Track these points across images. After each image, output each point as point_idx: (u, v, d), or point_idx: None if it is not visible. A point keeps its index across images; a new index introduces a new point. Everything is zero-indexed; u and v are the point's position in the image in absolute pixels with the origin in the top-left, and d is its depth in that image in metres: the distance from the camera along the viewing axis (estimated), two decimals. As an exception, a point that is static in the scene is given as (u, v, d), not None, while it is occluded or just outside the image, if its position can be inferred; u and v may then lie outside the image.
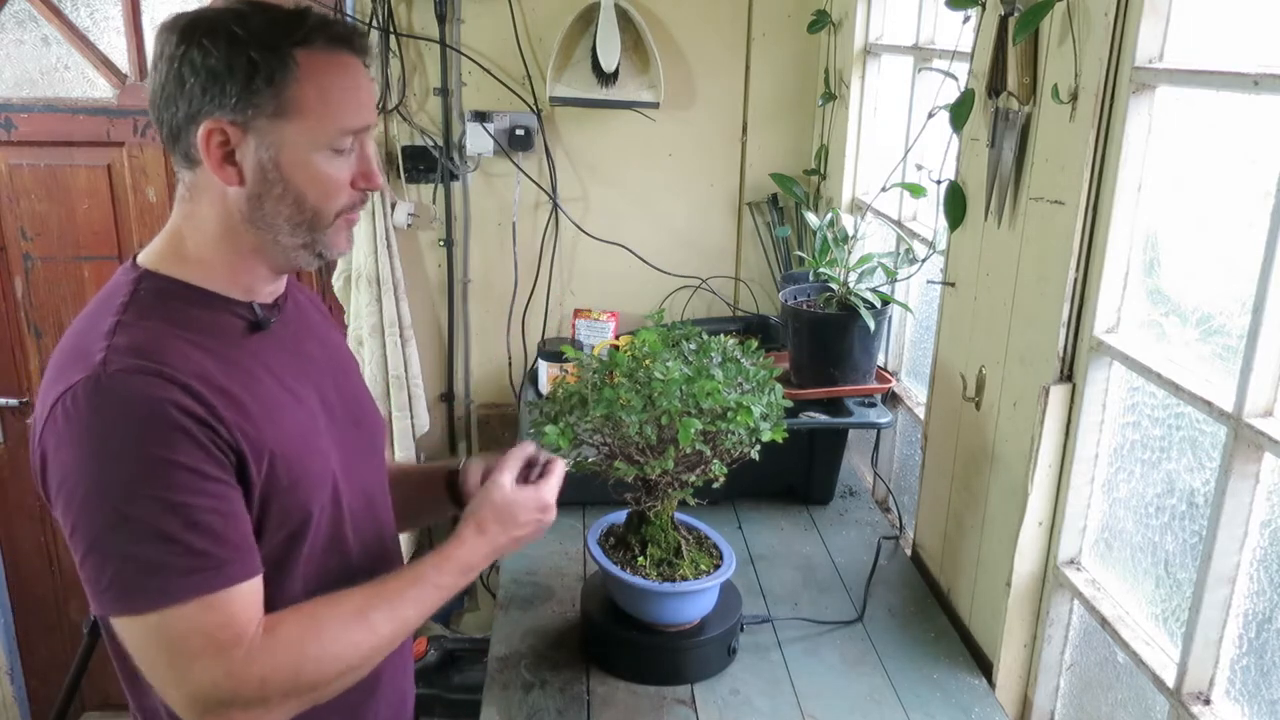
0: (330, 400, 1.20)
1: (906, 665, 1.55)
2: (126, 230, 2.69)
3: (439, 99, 2.56)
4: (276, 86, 1.02)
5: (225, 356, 1.06)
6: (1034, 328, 1.45)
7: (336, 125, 1.05)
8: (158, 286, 1.08)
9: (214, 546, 0.98)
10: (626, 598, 1.49)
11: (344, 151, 1.07)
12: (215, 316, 1.09)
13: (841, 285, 1.94)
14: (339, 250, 1.12)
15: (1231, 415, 1.10)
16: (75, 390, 0.97)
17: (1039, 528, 1.46)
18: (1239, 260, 1.12)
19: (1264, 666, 1.13)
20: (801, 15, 2.53)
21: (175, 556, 0.96)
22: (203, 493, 0.98)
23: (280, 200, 1.06)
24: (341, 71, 1.06)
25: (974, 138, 1.61)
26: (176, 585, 0.96)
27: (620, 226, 2.69)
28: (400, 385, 2.59)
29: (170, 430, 0.96)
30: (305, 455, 1.10)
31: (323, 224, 1.08)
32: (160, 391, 0.97)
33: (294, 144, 1.04)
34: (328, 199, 1.07)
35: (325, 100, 1.04)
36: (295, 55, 1.02)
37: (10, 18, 2.53)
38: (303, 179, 1.05)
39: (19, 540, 2.91)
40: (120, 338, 1.00)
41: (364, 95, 1.09)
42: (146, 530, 0.96)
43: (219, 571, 0.98)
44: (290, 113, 1.03)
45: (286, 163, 1.04)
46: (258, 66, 1.01)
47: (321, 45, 1.04)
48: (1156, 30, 1.22)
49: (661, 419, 1.37)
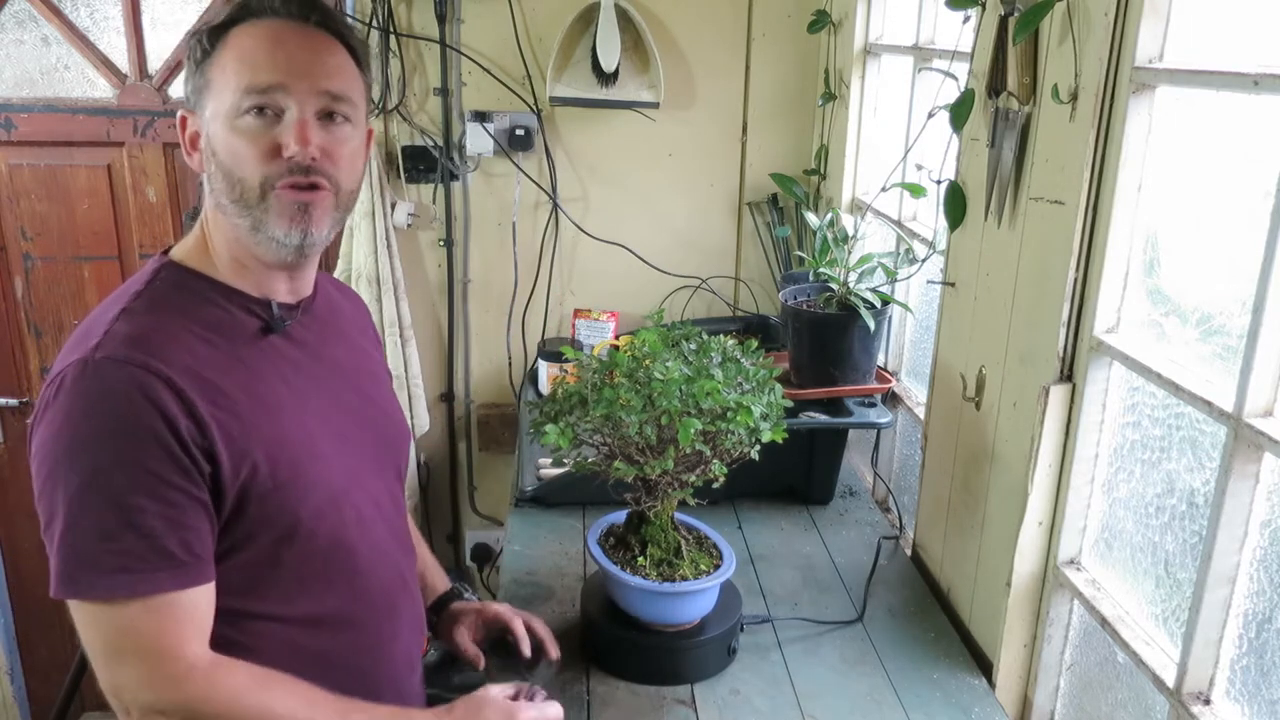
0: (347, 408, 1.18)
1: (906, 665, 1.55)
2: (126, 230, 2.69)
3: (439, 99, 2.56)
4: (204, 65, 1.04)
5: (231, 353, 1.06)
6: (1034, 328, 1.45)
7: (237, 84, 1.03)
8: (176, 278, 1.08)
9: (149, 552, 0.98)
10: (626, 598, 1.49)
11: (262, 116, 1.03)
12: (230, 313, 1.09)
13: (841, 285, 1.93)
14: (282, 232, 1.05)
15: (1231, 415, 1.10)
16: (67, 371, 0.98)
17: (1039, 528, 1.46)
18: (1239, 260, 1.12)
19: (1264, 666, 1.12)
20: (801, 15, 2.53)
21: (108, 554, 0.96)
22: (156, 497, 0.97)
23: (215, 178, 1.06)
24: (263, 36, 1.04)
25: (974, 138, 1.61)
26: (103, 581, 0.97)
27: (620, 226, 2.69)
28: (400, 385, 2.59)
29: (139, 429, 0.97)
30: (301, 459, 1.09)
31: (252, 198, 1.04)
32: (140, 386, 0.97)
33: (214, 114, 1.04)
34: (240, 166, 1.03)
35: (238, 64, 1.03)
36: (230, 32, 1.04)
37: (10, 18, 2.53)
38: (222, 148, 1.04)
39: (19, 540, 2.92)
40: (121, 325, 1.01)
41: (283, 53, 1.04)
42: (89, 522, 0.96)
43: (147, 577, 0.98)
44: (207, 87, 1.04)
45: (214, 135, 1.05)
46: (194, 49, 1.04)
47: (255, 19, 1.05)
48: (1156, 30, 1.22)
49: (661, 419, 1.37)
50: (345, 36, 1.10)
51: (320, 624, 1.14)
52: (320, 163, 1.05)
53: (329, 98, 1.06)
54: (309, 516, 1.09)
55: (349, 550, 1.15)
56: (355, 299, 1.39)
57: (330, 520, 1.12)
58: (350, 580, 1.15)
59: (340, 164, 1.08)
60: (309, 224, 1.06)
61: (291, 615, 1.11)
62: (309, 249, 1.09)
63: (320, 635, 1.14)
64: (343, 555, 1.14)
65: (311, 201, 1.06)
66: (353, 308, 1.34)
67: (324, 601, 1.13)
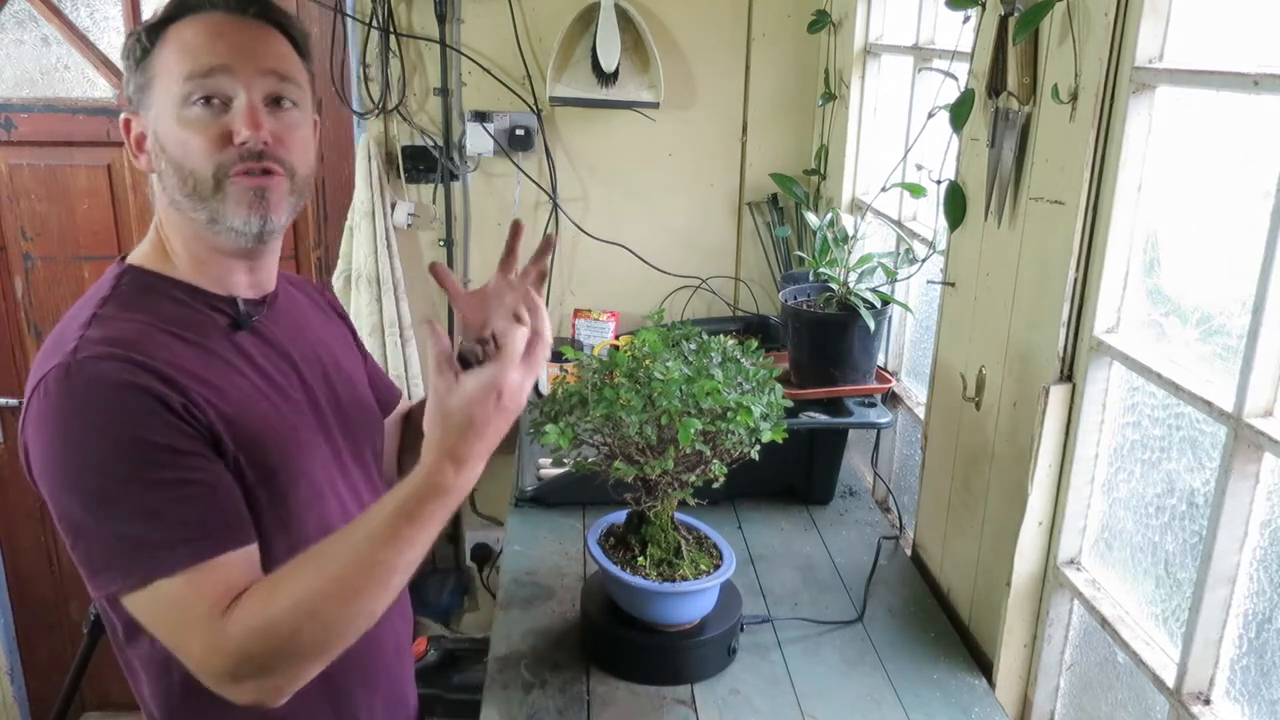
0: (321, 399, 1.18)
1: (906, 665, 1.55)
2: (126, 230, 2.69)
3: (439, 99, 2.56)
4: (146, 61, 1.04)
5: (205, 348, 1.05)
6: (1034, 328, 1.45)
7: (182, 73, 1.02)
8: (139, 281, 1.08)
9: (201, 515, 0.97)
10: (626, 598, 1.49)
11: (209, 106, 1.02)
12: (196, 312, 1.08)
13: (841, 285, 1.94)
14: (240, 220, 1.04)
15: (1231, 415, 1.10)
16: (48, 378, 0.97)
17: (1039, 528, 1.46)
18: (1239, 260, 1.12)
19: (1264, 666, 1.12)
20: (801, 15, 2.53)
21: (163, 530, 0.95)
22: (181, 466, 0.97)
23: (168, 174, 1.05)
24: (203, 28, 1.04)
25: (974, 138, 1.61)
26: (166, 557, 0.95)
27: (620, 226, 2.69)
28: (400, 385, 2.59)
29: (140, 409, 0.96)
30: (288, 450, 1.08)
31: (206, 189, 1.03)
32: (128, 375, 0.96)
33: (160, 110, 1.04)
34: (191, 158, 1.03)
35: (179, 55, 1.03)
36: (169, 28, 1.03)
37: (10, 18, 2.53)
38: (171, 143, 1.03)
39: (19, 540, 2.91)
40: (94, 330, 1.00)
41: (224, 42, 1.03)
42: (130, 507, 0.94)
43: (209, 539, 0.96)
44: (152, 82, 1.04)
45: (161, 131, 1.04)
46: (134, 48, 1.04)
47: (193, 14, 1.04)
48: (1156, 30, 1.22)
49: (661, 419, 1.37)
50: (285, 26, 1.09)
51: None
52: (273, 148, 1.04)
53: (275, 78, 1.05)
54: (298, 506, 1.09)
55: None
56: (304, 283, 1.37)
57: (316, 511, 1.12)
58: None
59: (293, 149, 1.07)
60: (267, 210, 1.06)
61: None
62: (268, 236, 1.08)
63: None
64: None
65: (267, 187, 1.05)
66: (305, 295, 1.32)
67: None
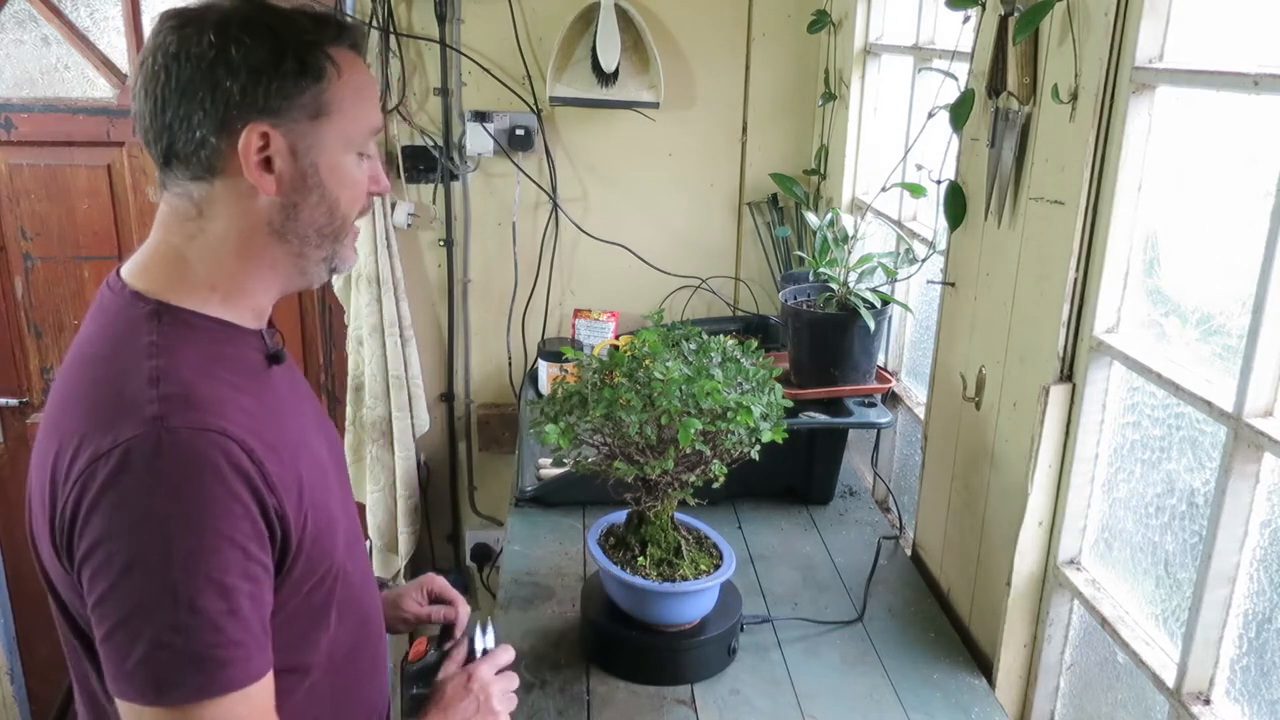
0: (320, 430, 1.14)
1: (906, 665, 1.55)
2: (126, 230, 2.69)
3: (439, 99, 2.56)
4: (318, 87, 0.97)
5: (258, 396, 0.99)
6: (1034, 328, 1.45)
7: (366, 125, 1.02)
8: (180, 320, 0.97)
9: (248, 636, 0.90)
10: (626, 598, 1.49)
11: (365, 155, 1.04)
12: (239, 351, 1.01)
13: (841, 285, 1.94)
14: (350, 263, 1.07)
15: (1231, 415, 1.10)
16: (128, 448, 0.87)
17: (1039, 528, 1.46)
18: (1239, 260, 1.12)
19: (1264, 666, 1.13)
20: (801, 15, 2.53)
21: (217, 647, 0.87)
22: (246, 576, 0.90)
23: (315, 208, 1.00)
24: (363, 72, 1.03)
25: (974, 138, 1.61)
26: (216, 679, 0.88)
27: (620, 226, 2.69)
28: (400, 385, 2.59)
29: (230, 501, 0.89)
30: (326, 500, 1.05)
31: (344, 232, 1.04)
32: (223, 455, 0.88)
33: (330, 147, 0.99)
34: (356, 203, 1.03)
35: (358, 100, 1.01)
36: (331, 54, 0.98)
37: (10, 18, 2.53)
38: (336, 183, 1.00)
39: (19, 540, 2.92)
40: (168, 386, 0.90)
41: (377, 96, 1.07)
42: (194, 612, 0.87)
43: (250, 663, 0.90)
44: (328, 114, 0.98)
45: (327, 167, 0.99)
46: (305, 66, 0.95)
47: (346, 46, 1.01)
48: (1156, 30, 1.22)
49: (661, 419, 1.37)
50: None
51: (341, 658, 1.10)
52: None
53: None
54: (340, 555, 1.05)
55: (361, 577, 1.13)
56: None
57: (342, 552, 1.07)
58: (359, 607, 1.12)
59: None
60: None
61: (315, 662, 1.06)
62: None
63: (344, 669, 1.11)
64: (355, 585, 1.11)
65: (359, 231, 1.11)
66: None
67: (339, 636, 1.09)
